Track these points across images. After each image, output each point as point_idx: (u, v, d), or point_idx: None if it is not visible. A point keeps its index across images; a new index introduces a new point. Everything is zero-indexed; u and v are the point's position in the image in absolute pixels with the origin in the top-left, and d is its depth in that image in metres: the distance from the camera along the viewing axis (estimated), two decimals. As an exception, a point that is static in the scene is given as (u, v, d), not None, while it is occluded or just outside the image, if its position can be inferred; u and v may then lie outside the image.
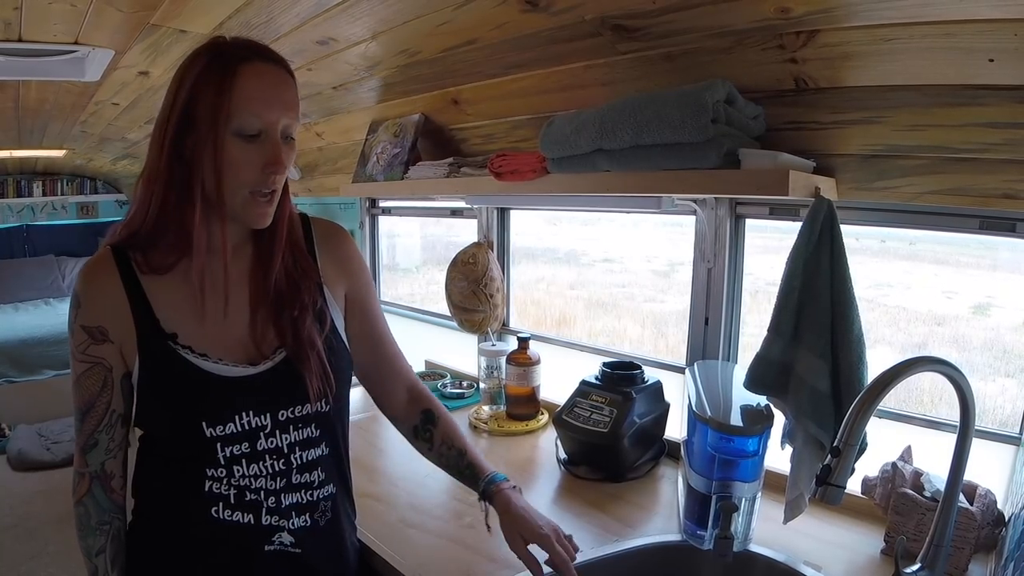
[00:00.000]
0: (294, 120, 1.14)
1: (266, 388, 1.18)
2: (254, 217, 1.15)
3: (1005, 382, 1.70)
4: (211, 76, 1.07)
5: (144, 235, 1.15)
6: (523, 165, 1.82)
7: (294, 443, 1.21)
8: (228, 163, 1.08)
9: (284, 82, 1.13)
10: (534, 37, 1.73)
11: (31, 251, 7.12)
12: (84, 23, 2.25)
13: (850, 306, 1.36)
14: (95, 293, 1.14)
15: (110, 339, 1.14)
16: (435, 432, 1.42)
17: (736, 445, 1.40)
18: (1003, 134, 1.24)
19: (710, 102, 1.36)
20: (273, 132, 1.10)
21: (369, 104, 2.68)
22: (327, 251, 1.34)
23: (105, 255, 1.16)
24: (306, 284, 1.26)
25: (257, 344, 1.20)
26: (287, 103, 1.12)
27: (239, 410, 1.15)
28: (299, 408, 1.21)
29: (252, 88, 1.07)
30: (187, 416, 1.14)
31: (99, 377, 1.16)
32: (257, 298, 1.22)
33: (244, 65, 1.08)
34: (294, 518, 1.21)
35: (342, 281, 1.35)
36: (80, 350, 1.15)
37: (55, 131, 4.77)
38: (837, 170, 1.48)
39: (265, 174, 1.11)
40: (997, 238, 1.51)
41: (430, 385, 2.55)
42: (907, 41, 1.25)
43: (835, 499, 1.06)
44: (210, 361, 1.15)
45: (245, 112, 1.07)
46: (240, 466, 1.16)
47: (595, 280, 3.32)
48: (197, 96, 1.07)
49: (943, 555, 1.16)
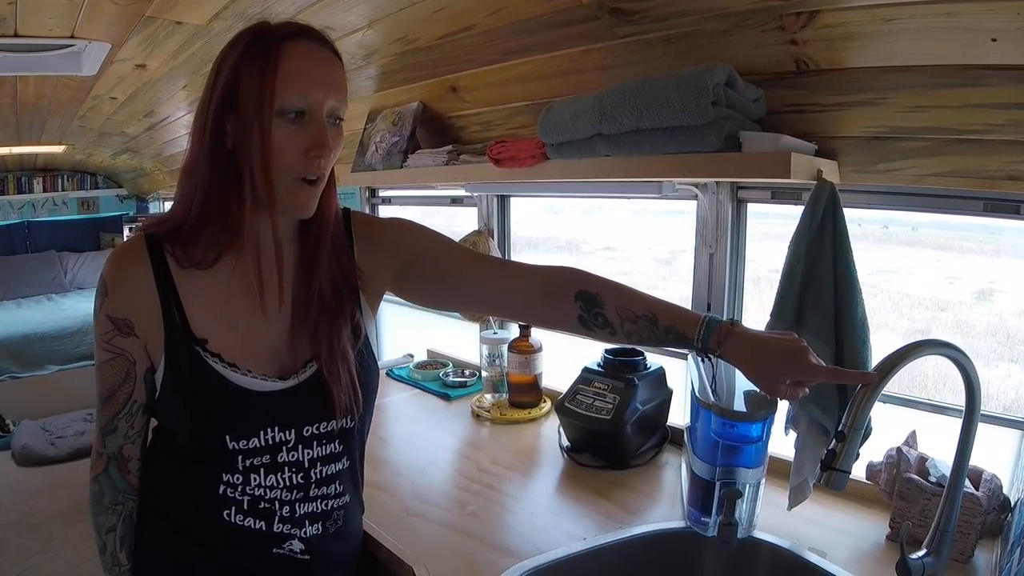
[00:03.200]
0: (342, 102, 1.09)
1: (294, 404, 1.15)
2: (298, 205, 1.10)
3: (1009, 367, 1.69)
4: (255, 55, 1.03)
5: (187, 229, 1.10)
6: (522, 151, 1.81)
7: (316, 459, 1.18)
8: (272, 146, 1.03)
9: (330, 62, 1.09)
10: (532, 22, 1.72)
11: (32, 247, 7.12)
12: (80, 16, 2.25)
13: (853, 289, 1.35)
14: (124, 283, 1.10)
15: (136, 334, 1.10)
16: (607, 313, 1.21)
17: (739, 431, 1.39)
18: (1006, 115, 1.23)
19: (710, 85, 1.35)
20: (319, 112, 1.05)
21: (367, 93, 2.67)
22: (366, 243, 1.28)
23: (138, 243, 1.11)
24: (348, 292, 1.22)
25: (290, 354, 1.16)
26: (334, 83, 1.08)
27: (265, 426, 1.12)
28: (324, 424, 1.17)
29: (296, 66, 1.03)
30: (211, 427, 1.11)
31: (122, 368, 1.12)
32: (298, 305, 1.17)
33: (288, 43, 1.03)
34: (307, 527, 1.19)
35: (388, 264, 1.29)
36: (105, 339, 1.11)
37: (54, 126, 4.77)
38: (839, 153, 1.47)
39: (310, 158, 1.06)
40: (1001, 223, 1.50)
41: (432, 374, 2.56)
42: (908, 21, 1.23)
43: (839, 484, 1.05)
44: (239, 373, 1.11)
45: (290, 90, 1.02)
46: (258, 475, 1.13)
47: (597, 268, 3.30)
48: (239, 76, 1.03)
49: (948, 541, 1.15)
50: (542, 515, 1.58)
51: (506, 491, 1.70)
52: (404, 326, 3.40)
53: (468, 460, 1.92)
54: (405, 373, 2.69)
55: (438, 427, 2.17)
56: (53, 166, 7.06)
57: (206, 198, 1.08)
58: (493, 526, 1.52)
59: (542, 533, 1.48)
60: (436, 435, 2.09)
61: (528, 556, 1.37)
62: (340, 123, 1.11)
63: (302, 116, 1.05)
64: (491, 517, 1.57)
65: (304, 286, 1.17)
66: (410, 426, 2.16)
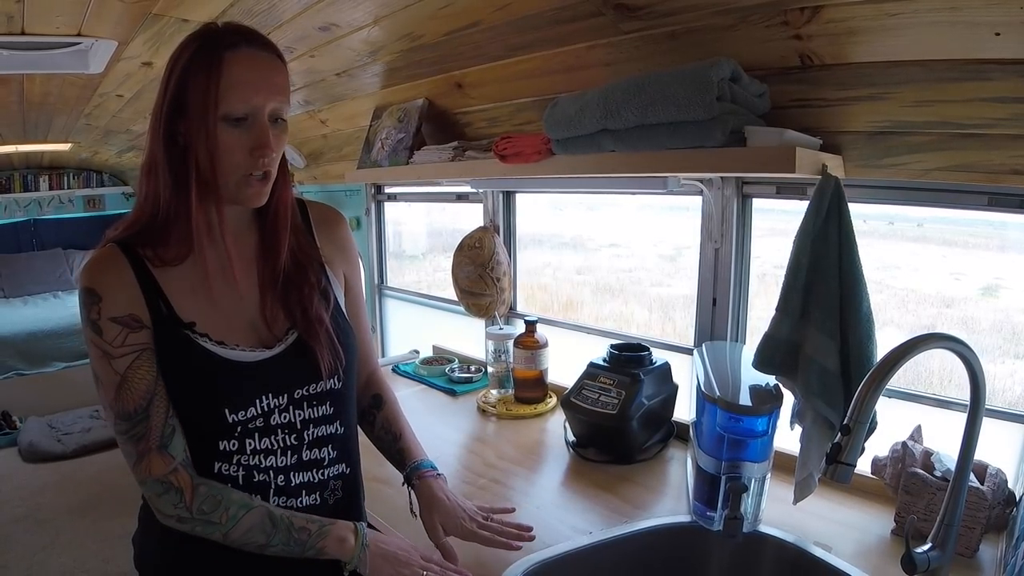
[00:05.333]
0: (283, 103, 1.15)
1: (283, 370, 1.20)
2: (248, 197, 1.17)
3: (1014, 364, 1.69)
4: (200, 64, 1.08)
5: (154, 229, 1.15)
6: (528, 147, 1.81)
7: (308, 420, 1.23)
8: (219, 148, 1.10)
9: (271, 67, 1.14)
10: (537, 18, 1.72)
11: (39, 245, 7.15)
12: (86, 14, 2.25)
13: (858, 284, 1.35)
14: (114, 284, 1.12)
15: (145, 324, 1.12)
16: (378, 415, 1.47)
17: (745, 425, 1.40)
18: (1010, 109, 1.23)
19: (715, 80, 1.35)
20: (260, 116, 1.11)
21: (373, 90, 2.67)
22: (325, 233, 1.37)
23: (111, 251, 1.15)
24: (311, 265, 1.29)
25: (269, 326, 1.22)
26: (274, 87, 1.13)
27: (259, 394, 1.18)
28: (313, 386, 1.23)
29: (239, 75, 1.09)
30: (210, 403, 1.15)
31: (150, 362, 1.12)
32: (265, 281, 1.24)
33: (231, 52, 1.09)
34: (303, 496, 1.22)
35: (340, 263, 1.38)
36: (118, 343, 1.10)
37: (60, 125, 4.78)
38: (844, 147, 1.47)
39: (254, 157, 1.12)
40: (1005, 218, 1.50)
41: (438, 369, 2.57)
42: (912, 16, 1.23)
43: (845, 478, 1.06)
44: (228, 348, 1.17)
45: (233, 98, 1.08)
46: (252, 440, 1.17)
47: (602, 265, 3.31)
48: (187, 83, 1.09)
49: (953, 535, 1.15)
50: (548, 509, 1.59)
51: (512, 486, 1.71)
52: (410, 323, 3.41)
53: (474, 455, 1.93)
54: (411, 369, 2.70)
55: (444, 422, 2.18)
56: (59, 164, 7.06)
57: (168, 196, 1.14)
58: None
59: (548, 527, 1.49)
60: (442, 430, 2.10)
61: (534, 550, 1.38)
62: (283, 122, 1.17)
63: (245, 120, 1.11)
64: (497, 511, 1.57)
65: (269, 266, 1.25)
66: (416, 421, 2.12)
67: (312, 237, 1.34)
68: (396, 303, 3.47)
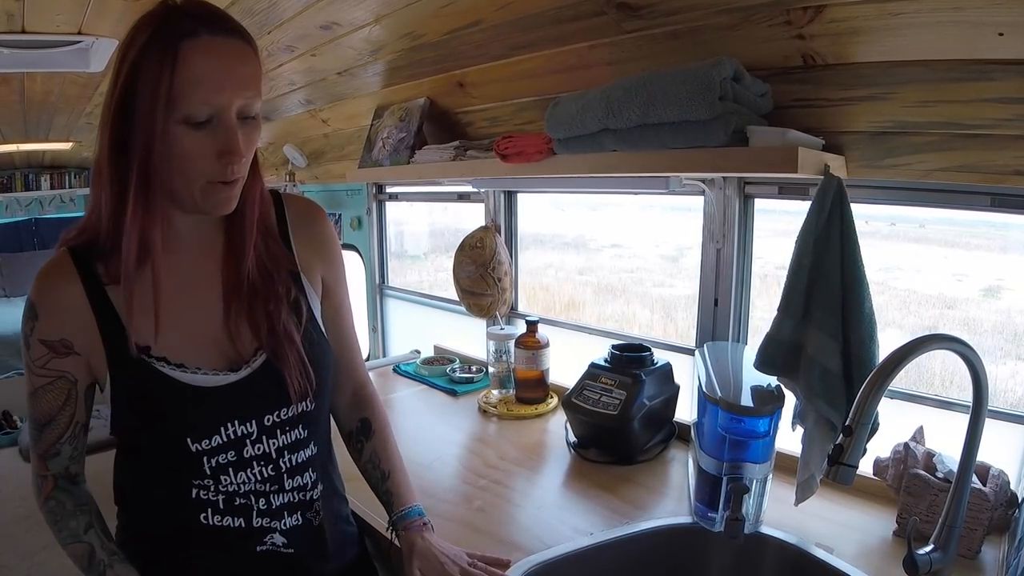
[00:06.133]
0: (252, 99, 0.99)
1: (250, 395, 1.11)
2: (215, 205, 1.04)
3: (1016, 365, 1.69)
4: (153, 56, 0.92)
5: (104, 241, 1.04)
6: (529, 147, 1.81)
7: (282, 447, 1.15)
8: (179, 154, 0.96)
9: (238, 55, 0.97)
10: (538, 17, 1.72)
11: (40, 244, 7.17)
12: (87, 13, 2.25)
13: (860, 284, 1.35)
14: (54, 304, 1.04)
15: (76, 351, 1.06)
16: (366, 445, 1.36)
17: (746, 426, 1.39)
18: (1014, 110, 1.22)
19: (717, 79, 1.35)
20: (227, 116, 0.97)
21: (374, 89, 2.67)
22: (302, 233, 1.24)
23: (62, 260, 1.05)
24: (279, 274, 1.17)
25: (234, 344, 1.12)
26: (242, 80, 0.97)
27: (224, 421, 1.09)
28: (284, 411, 1.15)
29: (199, 70, 0.93)
30: (170, 432, 1.08)
31: (62, 391, 1.08)
32: (229, 293, 1.13)
33: (188, 41, 0.92)
34: (286, 518, 1.17)
35: (318, 265, 1.26)
36: (39, 364, 1.06)
37: (61, 123, 4.79)
38: (846, 148, 1.46)
39: (222, 164, 0.99)
40: (1008, 219, 1.49)
41: (439, 369, 2.56)
42: (915, 16, 1.23)
43: (847, 479, 1.05)
44: (188, 372, 1.07)
45: (193, 98, 0.93)
46: (228, 475, 1.11)
47: (603, 265, 3.32)
48: (138, 79, 0.94)
49: (955, 536, 1.15)
50: (549, 510, 1.58)
51: (513, 486, 1.70)
52: (411, 323, 3.41)
53: (475, 455, 1.92)
54: (412, 369, 2.70)
55: (445, 423, 2.17)
56: (60, 163, 7.09)
57: (115, 206, 1.01)
58: (500, 521, 1.52)
59: (548, 528, 1.49)
60: (443, 431, 2.10)
61: (535, 551, 1.38)
62: (253, 120, 1.02)
63: (209, 122, 0.96)
64: (498, 512, 1.57)
65: (233, 275, 1.13)
66: (417, 421, 2.16)
67: (287, 239, 1.22)
68: (397, 303, 3.46)
